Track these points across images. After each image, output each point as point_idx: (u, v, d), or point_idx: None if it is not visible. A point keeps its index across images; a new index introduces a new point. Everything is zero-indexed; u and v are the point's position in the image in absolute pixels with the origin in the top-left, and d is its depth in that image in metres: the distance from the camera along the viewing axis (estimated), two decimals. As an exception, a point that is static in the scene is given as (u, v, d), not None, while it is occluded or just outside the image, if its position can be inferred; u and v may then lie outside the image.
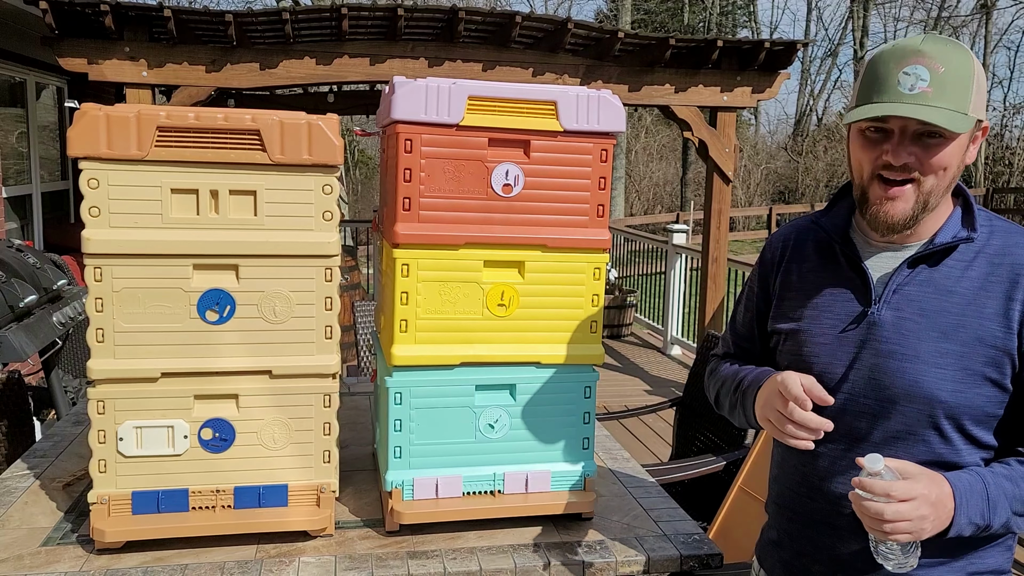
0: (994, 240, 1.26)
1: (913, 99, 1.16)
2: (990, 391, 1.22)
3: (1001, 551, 1.30)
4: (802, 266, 1.40)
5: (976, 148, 1.26)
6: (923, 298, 1.25)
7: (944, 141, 1.19)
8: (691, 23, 25.96)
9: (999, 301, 1.22)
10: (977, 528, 1.18)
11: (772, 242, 1.48)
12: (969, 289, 1.24)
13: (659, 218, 18.43)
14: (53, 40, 4.69)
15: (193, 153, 1.53)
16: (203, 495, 1.61)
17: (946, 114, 1.16)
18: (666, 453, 4.85)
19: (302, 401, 1.63)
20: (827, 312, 1.33)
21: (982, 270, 1.24)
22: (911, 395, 1.23)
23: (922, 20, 27.05)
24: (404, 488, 1.68)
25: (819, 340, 1.33)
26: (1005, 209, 18.89)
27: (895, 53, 1.20)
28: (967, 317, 1.22)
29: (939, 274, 1.26)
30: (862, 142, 1.24)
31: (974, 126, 1.20)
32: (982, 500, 1.17)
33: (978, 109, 1.20)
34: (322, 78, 5.24)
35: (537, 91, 1.62)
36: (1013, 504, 1.19)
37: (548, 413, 1.73)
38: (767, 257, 1.47)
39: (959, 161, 1.22)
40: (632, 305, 8.22)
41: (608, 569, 1.59)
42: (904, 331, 1.25)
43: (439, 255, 1.63)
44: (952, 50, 1.19)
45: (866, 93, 1.21)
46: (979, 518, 1.17)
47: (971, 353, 1.22)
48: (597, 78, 5.55)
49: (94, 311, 1.53)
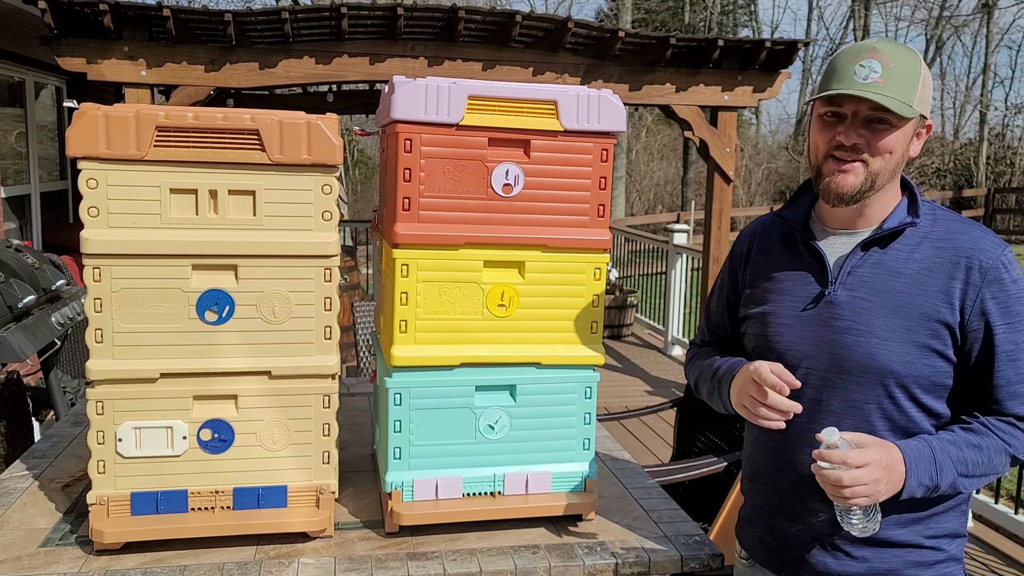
0: (937, 227, 1.41)
1: (866, 87, 1.32)
2: (936, 362, 1.36)
3: (956, 515, 1.43)
4: (768, 256, 1.55)
5: (920, 144, 1.42)
6: (875, 279, 1.40)
7: (891, 128, 1.35)
8: (692, 22, 25.95)
9: (942, 280, 1.36)
10: (927, 489, 1.32)
11: (741, 237, 1.63)
12: (916, 270, 1.38)
13: (660, 218, 18.42)
14: (52, 40, 4.69)
15: (192, 153, 1.52)
16: (202, 496, 1.60)
17: (894, 101, 1.31)
18: (667, 454, 4.84)
19: (301, 402, 1.62)
20: (789, 295, 1.48)
21: (927, 253, 1.38)
22: (866, 367, 1.37)
23: (923, 19, 27.03)
24: (404, 489, 1.67)
25: (782, 321, 1.47)
26: (1007, 209, 18.89)
27: (853, 50, 1.37)
28: (914, 295, 1.36)
29: (888, 257, 1.40)
30: (819, 125, 1.41)
31: (918, 120, 1.37)
32: (930, 463, 1.31)
33: (922, 105, 1.36)
34: (321, 78, 5.23)
35: (537, 90, 1.62)
36: (957, 466, 1.32)
37: (548, 414, 1.72)
38: (736, 251, 1.63)
39: (903, 149, 1.38)
40: (633, 305, 8.21)
41: (609, 570, 1.58)
42: (858, 309, 1.39)
43: (439, 255, 1.63)
44: (903, 51, 1.36)
45: (826, 82, 1.37)
46: (928, 480, 1.31)
47: (917, 328, 1.35)
48: (597, 77, 5.54)
49: (93, 311, 1.53)
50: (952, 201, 20.59)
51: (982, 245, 1.36)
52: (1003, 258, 1.35)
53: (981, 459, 1.34)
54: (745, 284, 1.57)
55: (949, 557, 1.42)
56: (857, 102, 1.33)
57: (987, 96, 24.52)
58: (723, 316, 1.65)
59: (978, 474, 1.34)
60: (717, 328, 1.67)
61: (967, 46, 39.54)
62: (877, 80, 1.31)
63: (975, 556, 3.70)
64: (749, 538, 1.60)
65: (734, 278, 1.61)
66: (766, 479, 1.53)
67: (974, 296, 1.34)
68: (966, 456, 1.33)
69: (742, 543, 1.63)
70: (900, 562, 1.40)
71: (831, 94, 1.34)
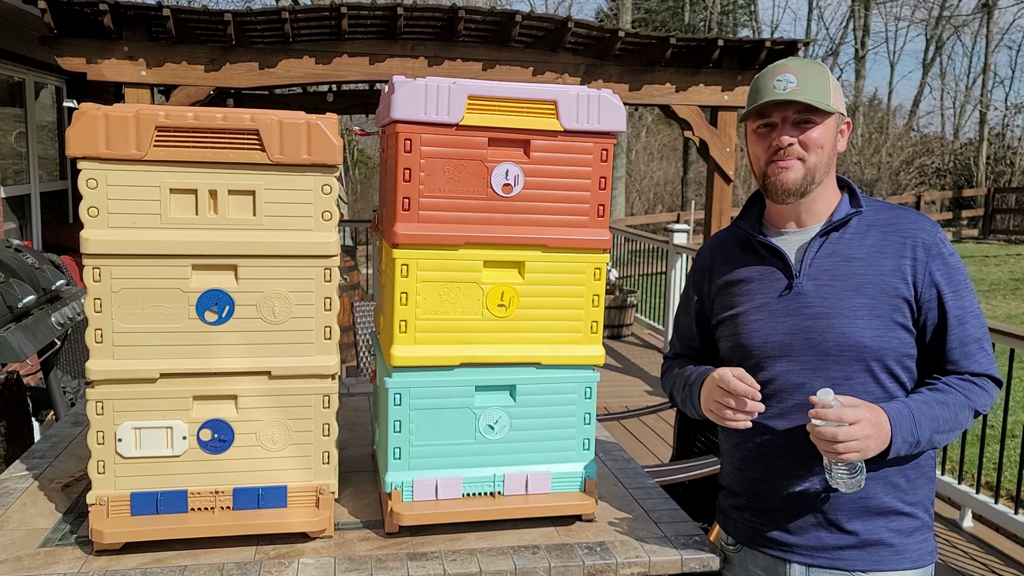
0: (880, 215, 1.59)
1: (788, 95, 1.52)
2: (901, 334, 1.52)
3: (926, 483, 1.58)
4: (729, 264, 1.69)
5: (845, 140, 1.61)
6: (833, 266, 1.56)
7: (815, 125, 1.54)
8: (692, 22, 25.94)
9: (894, 260, 1.53)
10: (911, 445, 1.46)
11: (699, 255, 1.79)
12: (868, 253, 1.55)
13: (660, 218, 18.42)
14: (52, 40, 4.69)
15: (192, 153, 1.52)
16: (202, 496, 1.60)
17: (814, 99, 1.51)
18: (667, 454, 4.84)
19: (301, 402, 1.62)
20: (757, 293, 1.61)
21: (875, 238, 1.56)
22: (841, 345, 1.51)
23: (923, 19, 27.03)
24: (404, 489, 1.67)
25: (754, 317, 1.60)
26: (1006, 209, 18.88)
27: (768, 71, 1.58)
28: (871, 275, 1.53)
29: (841, 245, 1.57)
30: (755, 139, 1.60)
31: (838, 117, 1.57)
32: (910, 421, 1.45)
33: (838, 104, 1.55)
34: (321, 77, 5.23)
35: (537, 90, 1.62)
36: (931, 423, 1.47)
37: (548, 414, 1.72)
38: (698, 267, 1.77)
39: (831, 143, 1.56)
40: (632, 305, 8.21)
41: (609, 571, 1.58)
42: (824, 295, 1.54)
43: (439, 255, 1.62)
44: (811, 63, 1.57)
45: (752, 100, 1.58)
46: (910, 436, 1.45)
47: (879, 304, 1.51)
48: (597, 77, 5.54)
49: (93, 311, 1.53)
50: (952, 201, 20.59)
51: (921, 225, 1.55)
52: (939, 235, 1.55)
53: (949, 415, 1.49)
54: (713, 294, 1.70)
55: (923, 524, 1.57)
56: (784, 108, 1.53)
57: (987, 96, 24.52)
58: (691, 328, 1.78)
59: (947, 429, 1.49)
60: (687, 340, 1.80)
61: (967, 46, 39.53)
62: (795, 88, 1.51)
63: (975, 556, 3.70)
64: (736, 525, 1.67)
65: (700, 291, 1.75)
66: (760, 465, 1.60)
67: (923, 270, 1.52)
68: (937, 413, 1.48)
69: (728, 531, 1.70)
70: (886, 531, 1.53)
71: (760, 105, 1.54)
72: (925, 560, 1.55)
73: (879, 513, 1.53)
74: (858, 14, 26.42)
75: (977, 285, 11.55)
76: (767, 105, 1.54)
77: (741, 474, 1.65)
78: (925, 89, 28.36)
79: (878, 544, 1.53)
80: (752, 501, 1.63)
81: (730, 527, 1.69)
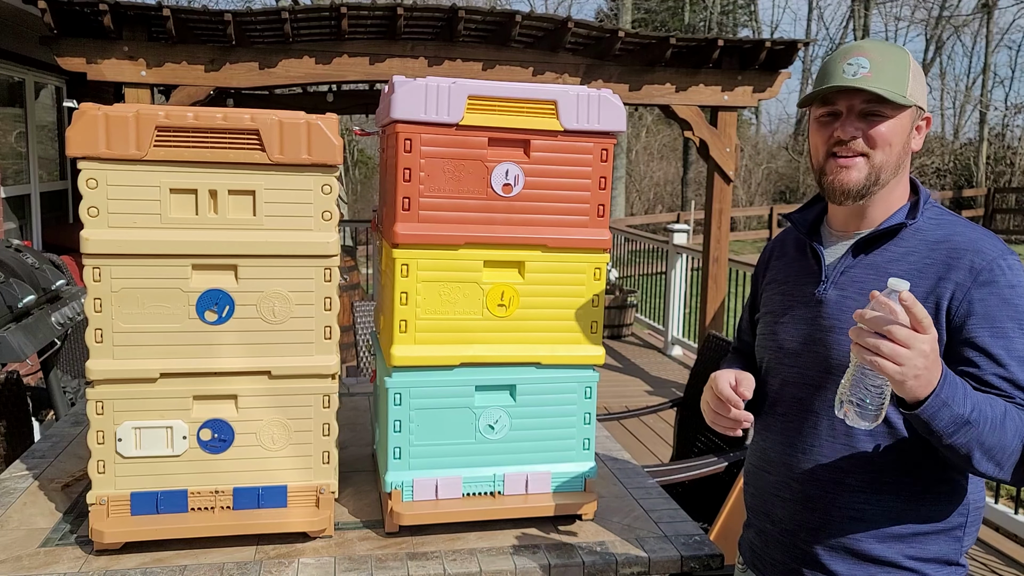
0: (939, 229, 1.37)
1: (856, 81, 1.33)
2: None
3: (946, 540, 1.34)
4: (782, 261, 1.57)
5: (921, 137, 1.40)
6: (865, 279, 1.38)
7: (886, 119, 1.35)
8: (692, 22, 25.94)
9: (931, 281, 1.31)
10: (950, 415, 1.17)
11: (765, 248, 1.67)
12: (906, 271, 1.34)
13: (660, 218, 18.42)
14: (52, 40, 4.69)
15: (192, 153, 1.52)
16: (202, 496, 1.60)
17: (885, 90, 1.32)
18: (667, 454, 4.84)
19: (301, 402, 1.62)
20: (789, 296, 1.50)
21: (921, 255, 1.35)
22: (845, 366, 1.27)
23: (923, 19, 27.03)
24: (404, 489, 1.67)
25: (780, 320, 1.49)
26: (1007, 209, 18.88)
27: (841, 51, 1.39)
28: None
29: (881, 258, 1.38)
30: (817, 127, 1.41)
31: (914, 111, 1.37)
32: (961, 392, 1.18)
33: (916, 96, 1.36)
34: (321, 77, 5.23)
35: (537, 90, 1.62)
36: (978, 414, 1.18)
37: (548, 414, 1.72)
38: (760, 259, 1.67)
39: (902, 140, 1.37)
40: (633, 305, 8.21)
41: (609, 570, 1.58)
42: (845, 308, 1.38)
43: (439, 255, 1.62)
44: (890, 47, 1.37)
45: (818, 83, 1.39)
46: (955, 404, 1.17)
47: None
48: (597, 77, 5.54)
49: (93, 311, 1.53)
50: (952, 201, 20.59)
51: (979, 246, 1.31)
52: (998, 262, 1.29)
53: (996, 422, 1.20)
54: (762, 289, 1.61)
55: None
56: (850, 96, 1.35)
57: (987, 96, 24.52)
58: (748, 321, 1.68)
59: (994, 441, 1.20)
60: (743, 332, 1.71)
61: (967, 46, 39.54)
62: (867, 75, 1.33)
63: (975, 556, 3.70)
64: (743, 542, 1.60)
65: (755, 285, 1.66)
66: (753, 480, 1.54)
67: (962, 297, 1.28)
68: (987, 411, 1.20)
69: (740, 548, 1.61)
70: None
71: (823, 90, 1.36)
72: None
73: (869, 560, 1.34)
74: (858, 14, 26.41)
75: (977, 285, 11.46)
76: (832, 91, 1.35)
77: (745, 487, 1.58)
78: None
79: None
80: (751, 519, 1.55)
81: (740, 544, 1.61)
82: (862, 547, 1.34)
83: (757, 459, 1.52)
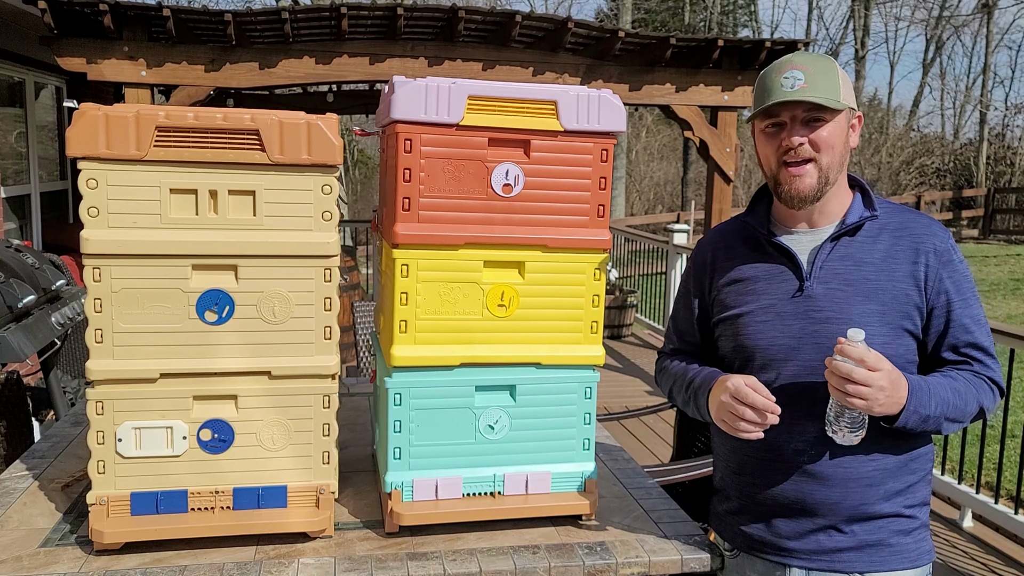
0: (892, 218, 1.56)
1: (796, 93, 1.48)
2: (909, 341, 1.51)
3: (925, 485, 1.58)
4: (733, 260, 1.64)
5: (856, 135, 1.57)
6: (845, 270, 1.52)
7: (826, 123, 1.50)
8: (692, 22, 25.94)
9: (906, 265, 1.51)
10: (920, 419, 1.43)
11: (701, 248, 1.74)
12: (879, 258, 1.52)
13: (660, 218, 18.42)
14: (52, 40, 4.69)
15: (192, 153, 1.52)
16: (202, 496, 1.60)
17: (822, 97, 1.47)
18: (667, 454, 4.84)
19: (301, 402, 1.62)
20: (764, 294, 1.57)
21: (887, 243, 1.53)
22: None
23: (923, 19, 27.03)
24: (404, 489, 1.67)
25: (760, 319, 1.56)
26: (1006, 209, 18.88)
27: (775, 66, 1.53)
28: (883, 281, 1.50)
29: (853, 248, 1.54)
30: (764, 139, 1.56)
31: (848, 113, 1.52)
32: (926, 395, 1.44)
33: (848, 98, 1.51)
34: (321, 78, 5.23)
35: (537, 91, 1.62)
36: (943, 405, 1.45)
37: (548, 414, 1.72)
38: (698, 261, 1.73)
39: (843, 141, 1.52)
40: (633, 305, 8.21)
41: (609, 571, 1.58)
42: (835, 299, 1.51)
43: (439, 255, 1.62)
44: (818, 58, 1.53)
45: (760, 100, 1.53)
46: (923, 408, 1.43)
47: (889, 311, 1.49)
48: (597, 77, 5.54)
49: (93, 311, 1.53)
50: (952, 201, 20.59)
51: (933, 231, 1.53)
52: (950, 242, 1.53)
53: (959, 403, 1.47)
54: (715, 291, 1.66)
55: (921, 524, 1.57)
56: (792, 107, 1.49)
57: (987, 96, 24.52)
58: (691, 324, 1.73)
59: (955, 417, 1.47)
60: (686, 335, 1.76)
61: (967, 46, 39.52)
62: (803, 86, 1.47)
63: (975, 556, 3.70)
64: (733, 530, 1.66)
65: (700, 287, 1.71)
66: (757, 469, 1.59)
67: (934, 277, 1.50)
68: (949, 398, 1.46)
69: (724, 536, 1.69)
70: (886, 532, 1.52)
71: (768, 106, 1.50)
72: (924, 559, 1.55)
73: (880, 517, 1.52)
74: (858, 14, 26.41)
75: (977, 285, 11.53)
76: (775, 105, 1.50)
77: (738, 478, 1.64)
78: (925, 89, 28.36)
79: (877, 545, 1.52)
80: (749, 505, 1.62)
81: (726, 532, 1.68)
82: (875, 508, 1.51)
83: (755, 450, 1.57)
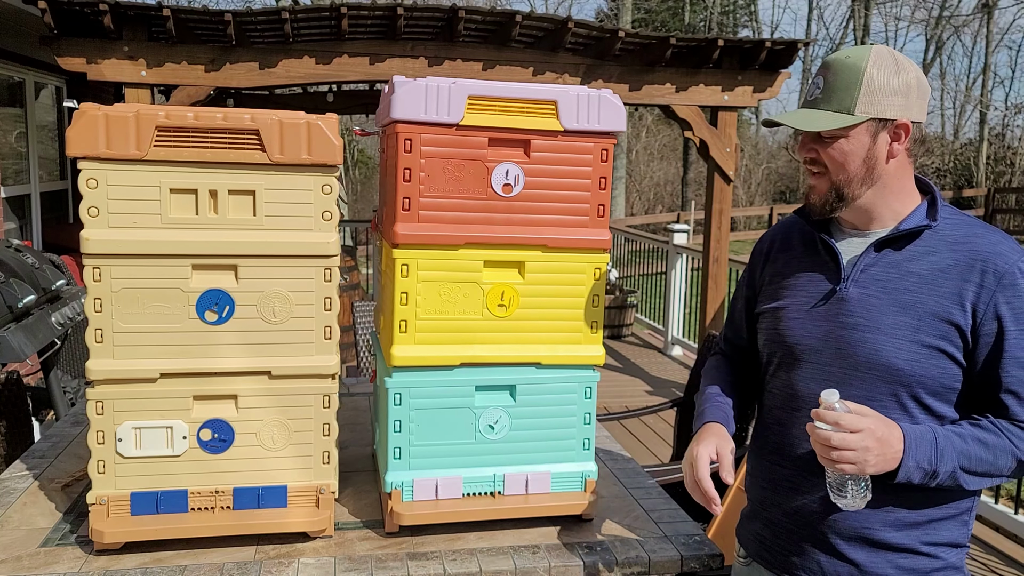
0: (957, 230, 1.40)
1: (806, 104, 1.40)
2: (944, 363, 1.35)
3: (956, 525, 1.41)
4: (787, 254, 1.57)
5: (899, 144, 1.38)
6: (887, 277, 1.40)
7: (837, 139, 1.38)
8: (692, 22, 25.95)
9: (955, 282, 1.35)
10: (925, 473, 1.30)
11: (763, 238, 1.67)
12: (928, 271, 1.37)
13: (660, 218, 18.42)
14: (52, 39, 4.69)
15: (192, 153, 1.52)
16: (202, 496, 1.60)
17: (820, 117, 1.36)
18: (667, 454, 4.84)
19: (301, 402, 1.62)
20: (802, 291, 1.50)
21: (943, 255, 1.38)
22: (871, 363, 1.37)
23: (923, 19, 27.03)
24: (404, 489, 1.67)
25: (793, 315, 1.49)
26: (1007, 209, 18.88)
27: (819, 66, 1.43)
28: (923, 295, 1.36)
29: (902, 256, 1.40)
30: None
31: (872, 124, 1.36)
32: (931, 447, 1.30)
33: (871, 108, 1.35)
34: (322, 77, 5.23)
35: (537, 90, 1.62)
36: (960, 458, 1.31)
37: (548, 414, 1.72)
38: (756, 250, 1.66)
39: (861, 155, 1.38)
40: (633, 305, 8.21)
41: (609, 571, 1.58)
42: (868, 306, 1.40)
43: (439, 255, 1.62)
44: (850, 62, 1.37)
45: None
46: (926, 463, 1.29)
47: (925, 327, 1.35)
48: (597, 77, 5.54)
49: (93, 311, 1.53)
50: (952, 201, 20.59)
51: (1000, 249, 1.35)
52: (1020, 263, 1.34)
53: (986, 456, 1.31)
54: (764, 282, 1.60)
55: (947, 565, 1.40)
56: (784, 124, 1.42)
57: (987, 96, 24.52)
58: (742, 316, 1.68)
59: (981, 471, 1.32)
60: (736, 329, 1.70)
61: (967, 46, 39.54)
62: (819, 96, 1.38)
63: (975, 556, 3.70)
64: (747, 534, 1.62)
65: (752, 277, 1.65)
66: (764, 472, 1.55)
67: (988, 299, 1.33)
68: (970, 450, 1.31)
69: (740, 541, 1.65)
70: (892, 567, 1.39)
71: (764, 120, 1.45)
72: None
73: (887, 547, 1.40)
74: (858, 14, 26.41)
75: (977, 285, 11.48)
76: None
77: (752, 479, 1.60)
78: (925, 89, 28.26)
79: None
80: (759, 510, 1.57)
81: (742, 536, 1.64)
82: (881, 536, 1.39)
83: (769, 452, 1.53)
